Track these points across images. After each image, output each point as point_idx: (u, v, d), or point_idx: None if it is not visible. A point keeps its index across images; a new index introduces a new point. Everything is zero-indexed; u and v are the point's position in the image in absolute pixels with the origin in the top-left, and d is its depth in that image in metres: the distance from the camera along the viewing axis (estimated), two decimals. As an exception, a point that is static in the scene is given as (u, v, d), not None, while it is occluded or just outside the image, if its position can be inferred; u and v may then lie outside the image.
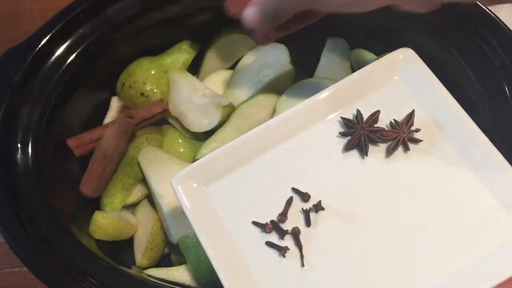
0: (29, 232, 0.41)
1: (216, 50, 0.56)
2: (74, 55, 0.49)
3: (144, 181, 0.51)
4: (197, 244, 0.45)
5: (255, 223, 0.36)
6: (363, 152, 0.38)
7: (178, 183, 0.36)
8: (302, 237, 0.36)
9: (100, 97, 0.56)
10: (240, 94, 0.53)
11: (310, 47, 0.58)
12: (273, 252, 0.35)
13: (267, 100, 0.50)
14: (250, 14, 0.37)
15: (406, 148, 0.38)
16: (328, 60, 0.55)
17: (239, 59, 0.56)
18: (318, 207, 0.36)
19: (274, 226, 0.36)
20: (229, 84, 0.55)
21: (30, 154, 0.45)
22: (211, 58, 0.57)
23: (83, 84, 0.52)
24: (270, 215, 0.36)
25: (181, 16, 0.55)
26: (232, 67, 0.57)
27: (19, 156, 0.45)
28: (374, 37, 0.54)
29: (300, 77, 0.56)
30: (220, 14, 0.56)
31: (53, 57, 0.49)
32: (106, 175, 0.50)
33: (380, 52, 0.54)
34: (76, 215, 0.48)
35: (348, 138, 0.38)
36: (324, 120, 0.40)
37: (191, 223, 0.35)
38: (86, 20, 0.50)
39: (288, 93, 0.50)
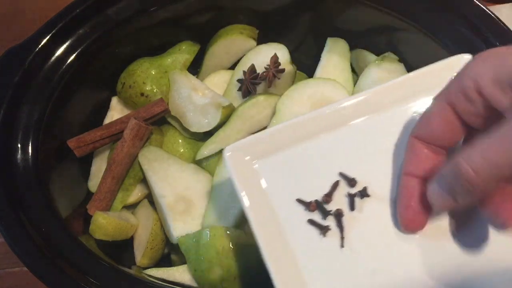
0: (29, 232, 0.41)
1: (216, 50, 0.56)
2: (74, 55, 0.49)
3: (144, 181, 0.51)
4: (197, 244, 0.45)
5: (299, 201, 0.37)
6: None
7: (230, 152, 0.37)
8: (344, 220, 0.36)
9: (100, 97, 0.56)
10: (240, 94, 0.53)
11: (310, 47, 0.58)
12: (314, 231, 0.36)
13: (267, 100, 0.50)
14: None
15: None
16: (328, 60, 0.55)
17: (239, 59, 0.56)
18: (363, 193, 0.37)
19: (318, 206, 0.36)
20: (229, 84, 0.55)
21: (30, 154, 0.45)
22: (211, 58, 0.57)
23: (83, 84, 0.52)
24: (315, 196, 0.37)
25: (181, 16, 0.55)
26: (232, 67, 0.57)
27: (19, 156, 0.45)
28: (374, 37, 0.54)
29: (300, 77, 0.56)
30: (220, 14, 0.56)
31: (53, 57, 0.49)
32: (115, 192, 0.50)
33: (380, 52, 0.54)
34: (76, 215, 0.49)
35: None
36: (376, 114, 0.40)
37: (238, 193, 0.36)
38: (86, 20, 0.50)
39: (288, 93, 0.50)
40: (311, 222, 0.36)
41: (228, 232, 0.45)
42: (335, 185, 0.37)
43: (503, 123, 0.25)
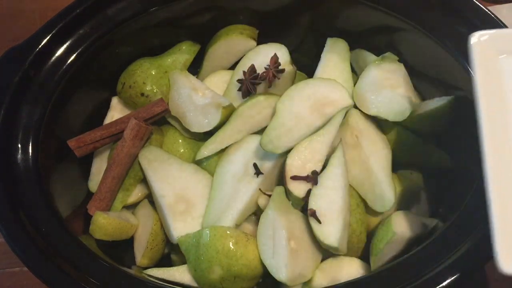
0: (29, 232, 0.41)
1: (216, 50, 0.56)
2: (74, 55, 0.49)
3: (144, 181, 0.51)
4: (197, 244, 0.45)
5: None
6: None
7: (477, 39, 0.36)
8: None
9: (100, 97, 0.56)
10: (240, 94, 0.53)
11: (310, 47, 0.58)
12: None
13: (267, 100, 0.50)
14: None
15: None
16: (328, 60, 0.55)
17: (239, 59, 0.56)
18: None
19: None
20: (230, 84, 0.55)
21: (30, 154, 0.45)
22: (211, 58, 0.57)
23: (83, 84, 0.52)
24: None
25: (181, 16, 0.55)
26: (232, 67, 0.57)
27: (19, 156, 0.45)
28: (374, 37, 0.54)
29: (300, 77, 0.56)
30: (220, 14, 0.56)
31: (53, 57, 0.49)
32: (115, 192, 0.50)
33: (380, 52, 0.54)
34: (76, 215, 0.49)
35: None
36: None
37: (476, 86, 0.35)
38: (86, 20, 0.50)
39: (288, 93, 0.50)
40: None
41: (228, 232, 0.45)
42: None
43: None
